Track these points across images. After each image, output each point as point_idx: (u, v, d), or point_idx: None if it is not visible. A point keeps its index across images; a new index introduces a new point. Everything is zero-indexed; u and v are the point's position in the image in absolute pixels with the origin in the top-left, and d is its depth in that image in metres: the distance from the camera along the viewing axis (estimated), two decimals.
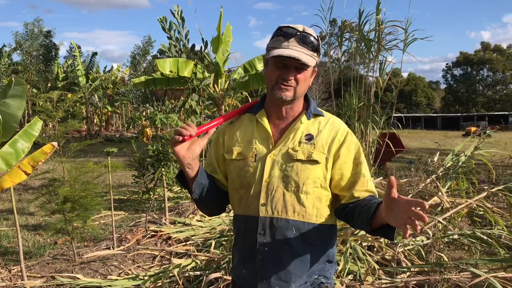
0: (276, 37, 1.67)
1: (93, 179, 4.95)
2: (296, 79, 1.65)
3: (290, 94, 1.67)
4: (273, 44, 1.67)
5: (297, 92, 1.68)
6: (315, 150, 1.70)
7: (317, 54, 1.69)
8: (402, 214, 1.33)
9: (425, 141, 26.68)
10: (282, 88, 1.66)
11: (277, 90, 1.67)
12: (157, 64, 7.59)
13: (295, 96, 1.69)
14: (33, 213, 7.53)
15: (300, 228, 1.69)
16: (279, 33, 1.67)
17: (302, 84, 1.68)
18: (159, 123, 5.93)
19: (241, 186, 1.77)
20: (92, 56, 29.66)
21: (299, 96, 1.72)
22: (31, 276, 4.38)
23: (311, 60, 1.64)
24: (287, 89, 1.66)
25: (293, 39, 1.64)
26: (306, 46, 1.64)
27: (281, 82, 1.66)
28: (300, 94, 1.71)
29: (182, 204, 7.66)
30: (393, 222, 1.40)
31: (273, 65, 1.68)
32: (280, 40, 1.65)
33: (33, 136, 4.03)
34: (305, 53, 1.63)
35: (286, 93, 1.67)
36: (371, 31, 7.69)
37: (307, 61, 1.61)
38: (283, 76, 1.65)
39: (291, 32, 1.65)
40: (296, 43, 1.63)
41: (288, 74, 1.64)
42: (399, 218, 1.34)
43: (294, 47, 1.62)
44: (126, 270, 4.64)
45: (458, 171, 6.50)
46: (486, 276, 3.58)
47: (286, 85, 1.66)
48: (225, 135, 1.87)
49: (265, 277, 1.70)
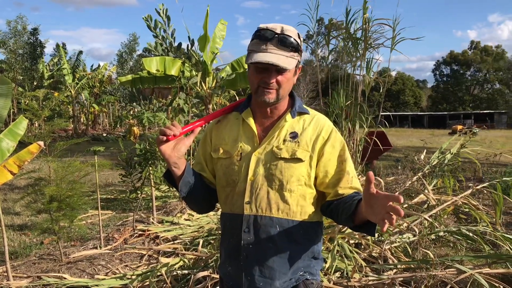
0: (255, 40, 1.67)
1: (80, 178, 4.91)
2: (278, 81, 1.66)
3: (273, 97, 1.68)
4: (252, 47, 1.67)
5: (280, 93, 1.69)
6: (299, 148, 1.71)
7: (298, 53, 1.69)
8: (380, 209, 1.34)
9: (412, 139, 26.90)
10: (265, 91, 1.67)
11: (260, 94, 1.68)
12: (143, 63, 7.55)
13: (278, 98, 1.70)
14: (19, 212, 7.45)
15: (284, 226, 1.70)
16: (258, 35, 1.66)
17: (284, 85, 1.68)
18: (146, 122, 5.90)
19: (227, 184, 1.79)
20: (78, 54, 29.36)
21: (282, 97, 1.73)
22: (17, 276, 4.34)
23: (291, 62, 1.64)
24: (269, 92, 1.67)
25: (271, 42, 1.63)
26: (285, 48, 1.64)
27: (263, 85, 1.66)
28: (284, 95, 1.72)
29: (170, 203, 7.64)
30: (372, 218, 1.41)
31: (253, 69, 1.69)
32: (258, 44, 1.65)
33: (18, 135, 3.99)
34: (284, 55, 1.63)
35: (268, 96, 1.68)
36: (358, 30, 7.72)
37: (285, 65, 1.61)
38: (264, 80, 1.65)
39: (268, 35, 1.64)
40: (274, 46, 1.63)
41: (269, 78, 1.65)
42: (377, 213, 1.36)
43: (273, 50, 1.62)
44: (114, 270, 4.62)
45: (444, 169, 6.58)
46: (471, 272, 3.62)
47: (268, 88, 1.66)
48: (212, 134, 1.89)
49: (249, 274, 1.71)
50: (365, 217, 1.49)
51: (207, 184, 1.88)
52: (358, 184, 1.74)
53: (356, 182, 1.74)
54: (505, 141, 25.35)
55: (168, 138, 1.64)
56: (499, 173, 9.80)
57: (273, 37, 1.63)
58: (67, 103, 29.88)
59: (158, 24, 7.72)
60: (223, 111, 1.91)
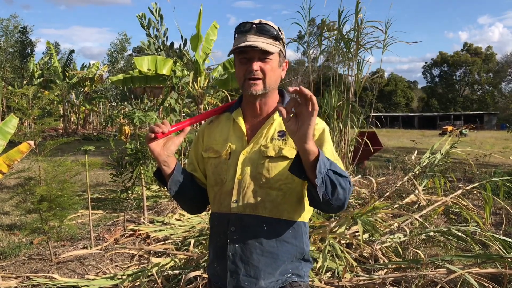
0: (236, 35, 1.71)
1: (70, 178, 4.87)
2: (262, 70, 1.66)
3: (260, 88, 1.68)
4: (234, 43, 1.69)
5: (267, 83, 1.69)
6: (286, 146, 1.70)
7: (279, 42, 1.70)
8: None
9: (402, 140, 27.04)
10: (251, 83, 1.67)
11: (247, 86, 1.68)
12: (134, 62, 7.52)
13: (265, 88, 1.69)
14: (8, 212, 7.37)
15: (271, 225, 1.70)
16: (237, 30, 1.70)
17: (270, 74, 1.68)
18: (137, 122, 5.87)
19: (215, 184, 1.79)
20: (69, 53, 29.16)
21: (270, 89, 1.71)
22: (6, 277, 4.29)
23: (271, 47, 1.65)
24: (256, 83, 1.67)
25: (250, 32, 1.66)
26: (264, 35, 1.66)
27: (248, 76, 1.67)
28: (271, 85, 1.71)
29: (161, 203, 7.60)
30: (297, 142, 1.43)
31: (238, 63, 1.70)
32: (239, 37, 1.68)
33: (9, 133, 3.95)
34: (263, 41, 1.64)
35: (255, 87, 1.68)
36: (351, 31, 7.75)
37: (266, 47, 1.62)
38: (249, 69, 1.66)
39: (247, 27, 1.67)
40: (253, 35, 1.65)
41: (252, 66, 1.65)
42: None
43: (252, 38, 1.64)
44: (104, 270, 4.58)
45: (434, 169, 6.62)
46: (461, 272, 3.65)
47: (254, 78, 1.66)
48: (204, 134, 1.89)
49: (235, 273, 1.70)
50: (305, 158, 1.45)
51: (199, 184, 1.87)
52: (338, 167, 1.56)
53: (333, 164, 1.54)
54: (495, 142, 25.60)
55: (157, 135, 1.63)
56: (488, 173, 9.89)
57: (251, 27, 1.67)
58: (57, 102, 29.66)
59: (151, 23, 7.70)
60: (214, 111, 1.90)
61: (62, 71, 26.73)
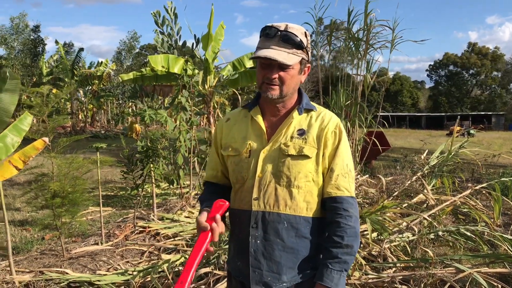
0: (261, 38, 1.74)
1: (82, 175, 4.94)
2: (281, 77, 1.70)
3: (276, 93, 1.72)
4: (258, 45, 1.73)
5: (284, 90, 1.73)
6: (306, 144, 1.74)
7: (303, 50, 1.73)
8: None
9: (409, 140, 26.97)
10: (268, 87, 1.72)
11: (264, 90, 1.73)
12: (149, 60, 7.59)
13: (281, 94, 1.73)
14: (19, 208, 7.47)
15: (292, 222, 1.73)
16: (263, 33, 1.73)
17: (288, 82, 1.72)
18: (148, 120, 5.93)
19: (236, 181, 1.83)
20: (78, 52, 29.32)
21: (287, 94, 1.76)
22: (20, 271, 4.36)
23: (292, 58, 1.68)
24: (272, 88, 1.71)
25: (274, 39, 1.69)
26: (287, 45, 1.69)
27: (266, 81, 1.71)
28: (288, 91, 1.75)
29: (170, 200, 7.68)
30: None
31: (259, 66, 1.74)
32: (263, 41, 1.72)
33: (23, 130, 4.00)
34: (285, 51, 1.68)
35: (271, 92, 1.72)
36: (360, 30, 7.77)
37: (284, 60, 1.65)
38: (267, 76, 1.70)
39: (272, 33, 1.70)
40: (276, 43, 1.68)
41: (271, 73, 1.69)
42: None
43: (275, 47, 1.68)
44: (115, 266, 4.64)
45: (443, 169, 6.62)
46: (470, 271, 3.66)
47: (271, 84, 1.71)
48: (222, 133, 1.93)
49: (257, 269, 1.75)
50: None
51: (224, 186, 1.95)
52: (344, 182, 1.75)
53: (342, 180, 1.75)
54: (503, 142, 25.45)
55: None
56: (496, 174, 9.86)
57: (276, 34, 1.69)
58: (65, 100, 29.83)
59: (165, 21, 7.77)
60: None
61: (71, 69, 26.92)
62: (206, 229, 1.64)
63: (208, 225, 1.64)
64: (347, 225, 1.69)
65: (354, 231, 1.70)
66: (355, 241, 1.71)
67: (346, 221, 1.69)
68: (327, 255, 1.69)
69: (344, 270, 1.67)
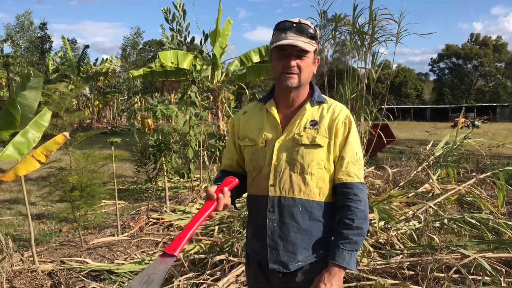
0: (276, 32, 1.88)
1: (98, 168, 5.12)
2: (299, 66, 1.84)
3: (295, 81, 1.86)
4: (273, 39, 1.87)
5: (301, 78, 1.87)
6: (318, 134, 1.88)
7: (315, 41, 1.88)
8: None
9: (414, 132, 27.02)
10: (287, 76, 1.85)
11: (283, 79, 1.86)
12: (159, 57, 7.75)
13: (300, 82, 1.87)
14: (35, 203, 7.67)
15: (306, 206, 1.88)
16: (277, 28, 1.87)
17: (305, 70, 1.86)
18: (159, 114, 6.09)
19: (253, 169, 1.98)
20: (84, 48, 29.50)
21: (304, 83, 1.90)
22: (42, 261, 4.55)
23: (309, 46, 1.83)
24: (291, 77, 1.84)
25: (290, 31, 1.84)
26: (303, 35, 1.83)
27: (285, 71, 1.84)
28: (305, 80, 1.89)
29: (181, 193, 7.86)
30: None
31: (276, 57, 1.87)
32: (279, 34, 1.85)
33: (43, 126, 4.18)
34: (302, 41, 1.82)
35: (291, 80, 1.85)
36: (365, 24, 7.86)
37: (304, 47, 1.81)
38: (286, 65, 1.84)
39: (287, 25, 1.85)
40: (293, 34, 1.83)
41: (290, 62, 1.83)
42: None
43: (292, 36, 1.82)
44: (132, 255, 4.83)
45: (448, 159, 6.76)
46: (474, 256, 3.79)
47: (290, 73, 1.84)
48: (240, 125, 2.08)
49: (275, 249, 1.90)
50: None
51: (240, 174, 2.07)
52: (354, 169, 1.89)
53: (352, 167, 1.88)
54: (508, 133, 25.42)
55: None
56: (501, 164, 9.97)
57: (292, 26, 1.85)
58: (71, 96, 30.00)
59: (175, 17, 7.94)
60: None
61: (77, 66, 27.12)
62: (213, 197, 1.80)
63: (215, 194, 1.80)
64: (357, 208, 1.84)
65: (363, 214, 1.86)
66: (365, 223, 1.86)
67: (356, 204, 1.85)
68: (338, 237, 1.84)
69: (354, 250, 1.83)
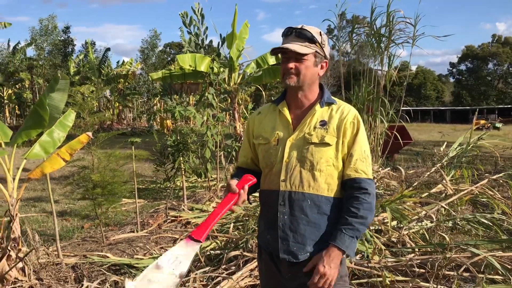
0: (282, 38, 2.10)
1: (120, 167, 5.33)
2: (297, 68, 2.01)
3: (293, 81, 2.03)
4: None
5: (301, 79, 2.03)
6: (328, 134, 2.03)
7: (316, 44, 2.04)
8: None
9: (433, 134, 26.75)
10: (286, 77, 2.04)
11: (284, 79, 2.06)
12: (177, 60, 7.97)
13: (299, 82, 2.04)
14: (58, 200, 7.94)
15: (314, 200, 2.02)
16: (282, 35, 2.10)
17: (304, 71, 2.02)
18: (178, 116, 6.28)
19: (266, 166, 2.13)
20: (105, 51, 30.08)
21: (304, 83, 2.05)
22: (65, 255, 4.76)
23: (305, 49, 2.00)
24: (290, 77, 2.02)
25: (290, 36, 2.04)
26: (300, 39, 2.02)
27: (285, 72, 2.04)
28: (305, 80, 2.05)
29: (198, 192, 8.06)
30: None
31: (281, 61, 2.08)
32: (283, 40, 2.07)
33: (68, 126, 4.40)
34: (298, 44, 2.00)
35: (289, 80, 2.03)
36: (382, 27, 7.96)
37: (300, 50, 1.98)
38: (285, 67, 2.04)
39: (289, 32, 2.07)
40: (292, 39, 2.03)
41: (288, 64, 2.02)
42: None
43: (290, 41, 2.02)
44: (151, 251, 5.01)
45: (461, 160, 6.79)
46: (484, 255, 3.83)
47: (289, 74, 2.02)
48: (254, 124, 2.24)
49: (285, 240, 2.04)
50: None
51: (253, 171, 2.23)
52: (362, 165, 2.02)
53: (360, 164, 2.02)
54: None
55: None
56: None
57: (292, 32, 2.05)
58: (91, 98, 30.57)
59: (192, 21, 8.17)
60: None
61: (98, 68, 27.64)
62: (236, 191, 1.99)
63: (237, 189, 2.00)
64: (364, 199, 1.98)
65: (369, 206, 1.99)
66: (370, 214, 1.99)
67: (363, 196, 1.98)
68: (342, 222, 1.98)
69: (355, 237, 1.96)
